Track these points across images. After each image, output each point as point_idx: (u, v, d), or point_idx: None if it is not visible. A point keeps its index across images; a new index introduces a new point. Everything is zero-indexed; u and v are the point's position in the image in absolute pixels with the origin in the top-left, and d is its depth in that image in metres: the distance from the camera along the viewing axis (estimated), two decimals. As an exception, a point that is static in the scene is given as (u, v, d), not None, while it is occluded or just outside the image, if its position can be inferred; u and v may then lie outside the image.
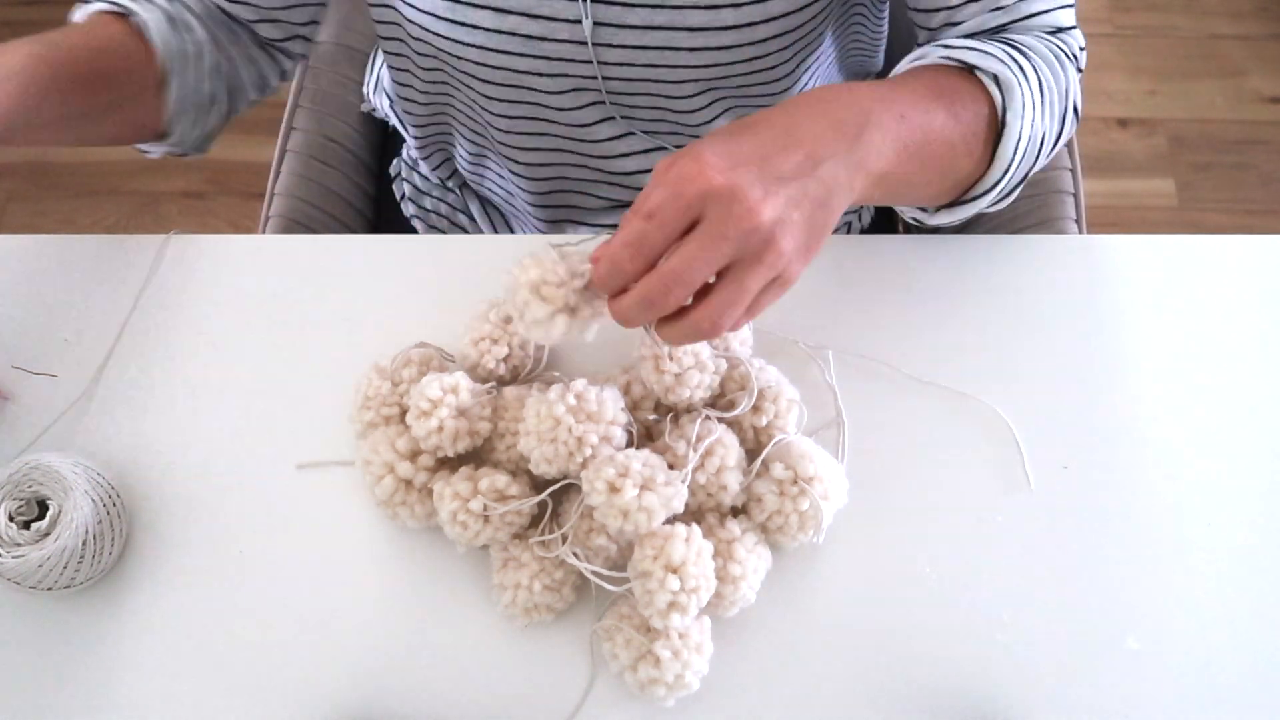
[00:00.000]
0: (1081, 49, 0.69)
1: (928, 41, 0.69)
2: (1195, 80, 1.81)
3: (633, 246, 0.48)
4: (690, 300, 0.49)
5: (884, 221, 1.01)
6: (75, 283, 0.73)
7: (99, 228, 1.70)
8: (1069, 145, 0.93)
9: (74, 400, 0.69)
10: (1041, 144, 0.64)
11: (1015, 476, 0.67)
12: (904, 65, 0.65)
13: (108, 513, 0.63)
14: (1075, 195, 0.91)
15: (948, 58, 0.62)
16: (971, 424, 0.68)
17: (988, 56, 0.62)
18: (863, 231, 0.96)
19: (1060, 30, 0.68)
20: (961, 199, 0.65)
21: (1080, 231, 0.90)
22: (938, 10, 0.67)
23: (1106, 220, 1.70)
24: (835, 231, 0.93)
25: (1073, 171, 0.92)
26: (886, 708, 0.61)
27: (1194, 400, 0.69)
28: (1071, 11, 0.68)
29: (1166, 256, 0.74)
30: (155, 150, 0.79)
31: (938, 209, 0.66)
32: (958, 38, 0.67)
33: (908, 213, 0.69)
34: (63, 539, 0.60)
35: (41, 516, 0.61)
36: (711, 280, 0.49)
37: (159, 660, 0.63)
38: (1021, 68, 0.62)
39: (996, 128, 0.61)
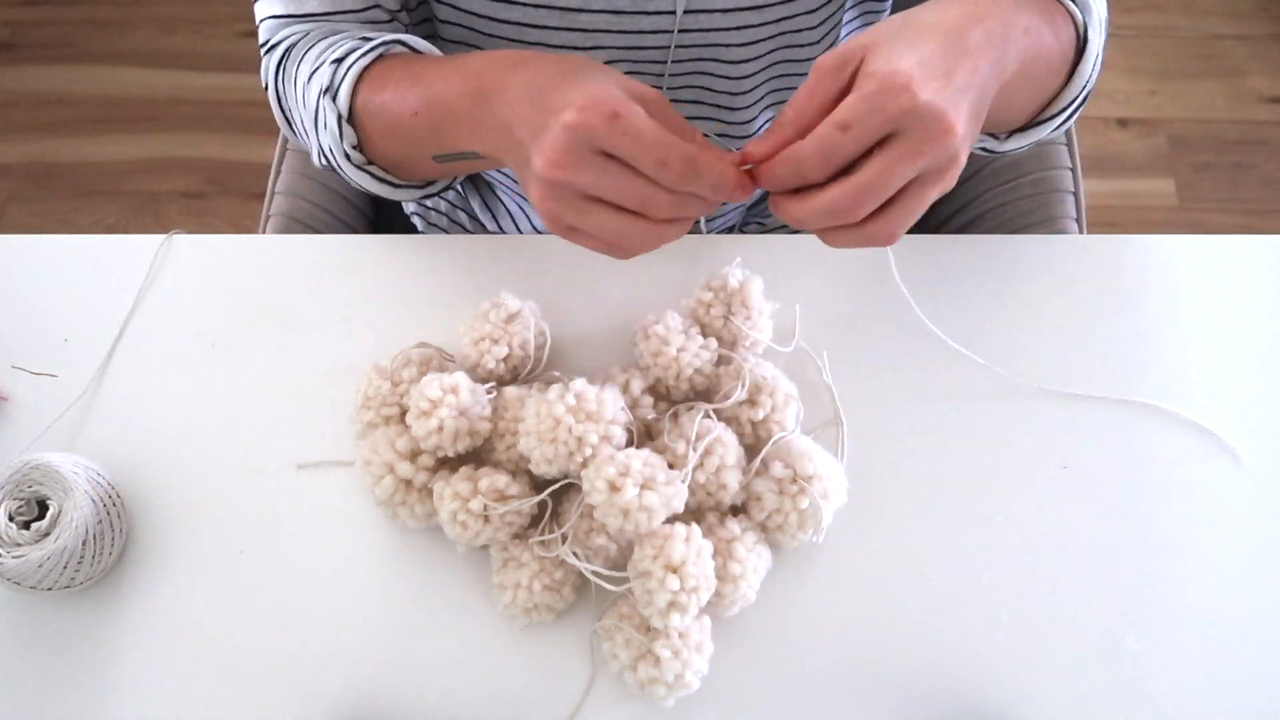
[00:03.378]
0: None
1: None
2: (1195, 80, 1.81)
3: (823, 155, 0.47)
4: None
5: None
6: (75, 283, 0.73)
7: (99, 228, 1.70)
8: (1069, 145, 0.93)
9: (74, 400, 0.69)
10: (1099, 61, 0.64)
11: (1014, 477, 0.67)
12: None
13: (108, 513, 0.63)
14: (1075, 195, 0.91)
15: None
16: (970, 424, 0.68)
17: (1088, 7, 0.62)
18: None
19: None
20: (1035, 120, 0.65)
21: (1080, 231, 0.90)
22: None
23: (1106, 220, 1.70)
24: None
25: (1073, 171, 0.92)
26: (886, 707, 0.61)
27: (1194, 400, 0.69)
28: None
29: (1166, 256, 0.74)
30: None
31: (1010, 134, 0.66)
32: None
33: (980, 143, 0.68)
34: (63, 539, 0.60)
35: (41, 516, 0.61)
36: None
37: (159, 660, 0.63)
38: (1104, 25, 0.63)
39: (1077, 48, 0.62)
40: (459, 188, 0.95)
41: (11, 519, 0.61)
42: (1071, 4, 0.62)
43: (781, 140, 0.50)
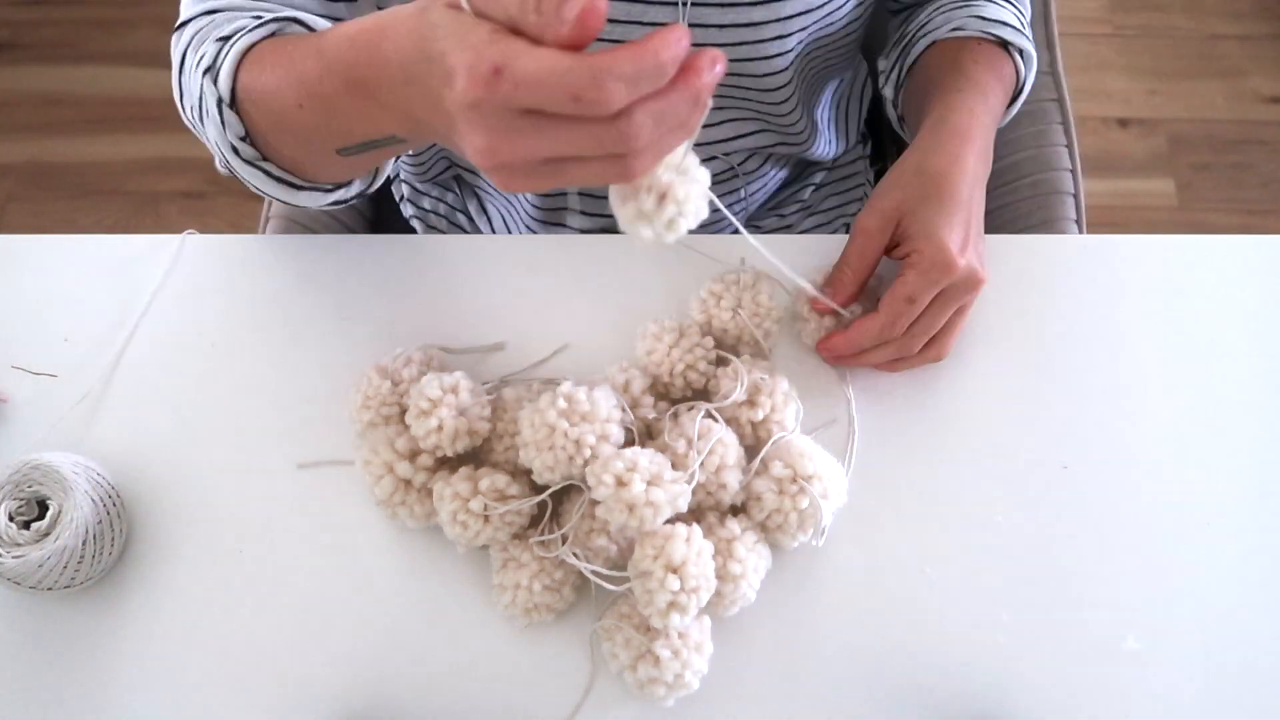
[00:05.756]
0: None
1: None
2: (1195, 80, 1.81)
3: (895, 323, 0.64)
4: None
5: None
6: (75, 283, 0.73)
7: (99, 228, 1.70)
8: (1069, 147, 0.93)
9: (74, 400, 0.69)
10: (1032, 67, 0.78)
11: (1014, 477, 0.67)
12: (944, 30, 0.76)
13: (108, 513, 0.63)
14: (1075, 195, 0.91)
15: (989, 34, 0.75)
16: (971, 424, 0.68)
17: (1019, 32, 0.75)
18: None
19: None
20: None
21: (1080, 231, 0.90)
22: None
23: (1106, 220, 1.70)
24: (836, 232, 0.93)
25: (1073, 172, 0.92)
26: (886, 707, 0.61)
27: (1194, 400, 0.69)
28: None
29: (1166, 256, 0.74)
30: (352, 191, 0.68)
31: None
32: None
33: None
34: (63, 539, 0.60)
35: (41, 516, 0.61)
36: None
37: (159, 660, 0.63)
38: (1029, 26, 0.77)
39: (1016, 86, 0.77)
40: (456, 190, 0.95)
41: (11, 519, 0.61)
42: (1020, 58, 0.76)
43: (846, 295, 0.66)
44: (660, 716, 0.61)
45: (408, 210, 0.98)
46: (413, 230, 0.98)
